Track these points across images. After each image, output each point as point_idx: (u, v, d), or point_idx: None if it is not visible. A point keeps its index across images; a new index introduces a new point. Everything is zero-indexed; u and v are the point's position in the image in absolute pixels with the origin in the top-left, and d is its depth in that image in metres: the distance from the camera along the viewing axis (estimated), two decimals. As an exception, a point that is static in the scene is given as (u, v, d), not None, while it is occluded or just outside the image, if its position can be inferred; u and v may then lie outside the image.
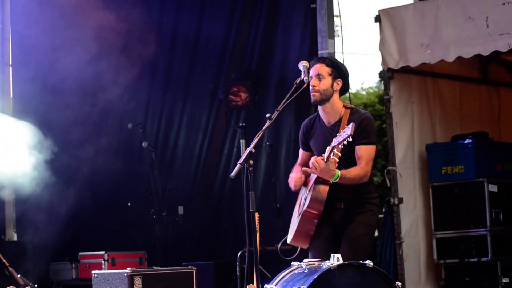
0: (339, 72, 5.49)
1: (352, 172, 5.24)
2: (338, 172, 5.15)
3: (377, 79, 11.29)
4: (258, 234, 5.26)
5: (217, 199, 9.60)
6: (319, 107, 5.52)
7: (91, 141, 9.10)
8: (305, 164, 5.46)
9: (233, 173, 5.06)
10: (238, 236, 9.16)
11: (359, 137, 5.27)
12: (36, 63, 9.20)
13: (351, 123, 5.00)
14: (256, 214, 5.15)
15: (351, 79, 5.59)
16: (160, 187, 8.97)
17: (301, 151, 5.68)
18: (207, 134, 9.61)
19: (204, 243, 9.59)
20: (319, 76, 5.43)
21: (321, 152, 5.30)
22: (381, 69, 8.31)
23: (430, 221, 8.50)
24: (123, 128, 9.38)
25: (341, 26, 9.87)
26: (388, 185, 8.44)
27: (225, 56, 9.53)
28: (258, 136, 5.13)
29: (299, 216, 5.41)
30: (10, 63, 9.68)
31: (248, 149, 5.08)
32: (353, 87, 20.21)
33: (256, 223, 5.18)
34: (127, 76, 9.04)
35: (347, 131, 4.96)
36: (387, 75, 8.25)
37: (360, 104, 18.47)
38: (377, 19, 8.21)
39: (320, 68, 5.46)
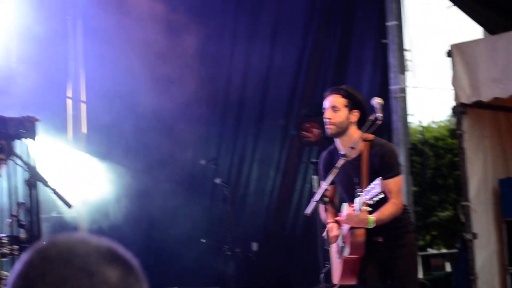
0: (355, 102, 5.29)
1: (386, 212, 5.10)
2: (373, 218, 5.01)
3: (448, 112, 11.22)
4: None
5: (289, 235, 9.60)
6: (336, 139, 5.35)
7: (164, 177, 9.22)
8: (330, 197, 5.37)
9: (308, 210, 5.02)
10: (311, 272, 9.14)
11: (384, 172, 5.09)
12: (109, 100, 9.34)
13: (379, 179, 4.86)
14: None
15: (422, 112, 5.49)
16: (234, 223, 9.00)
17: (324, 183, 5.38)
18: (279, 170, 9.63)
19: (277, 279, 9.57)
20: (334, 108, 5.26)
21: (345, 187, 5.23)
22: (452, 103, 8.28)
23: (504, 256, 8.41)
24: (196, 164, 9.45)
25: (411, 61, 9.83)
26: (462, 220, 8.36)
27: (296, 91, 9.56)
28: (332, 174, 5.10)
29: (340, 260, 5.32)
30: (84, 100, 9.82)
31: (323, 186, 5.07)
32: (424, 120, 20.10)
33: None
34: (199, 112, 9.15)
35: (377, 188, 4.81)
36: (459, 110, 8.20)
37: (431, 138, 18.38)
38: (449, 54, 8.19)
39: (335, 99, 5.28)
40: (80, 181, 9.20)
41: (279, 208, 9.66)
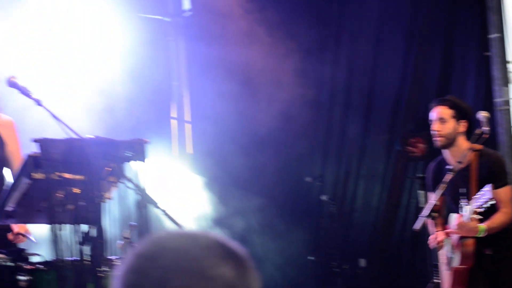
0: (462, 112, 5.23)
1: (496, 221, 5.03)
2: (484, 226, 4.94)
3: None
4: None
5: (396, 250, 9.50)
6: (444, 151, 5.29)
7: (269, 195, 9.25)
8: (438, 210, 5.27)
9: (417, 226, 4.99)
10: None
11: (493, 181, 4.99)
12: (214, 120, 9.43)
13: (489, 185, 4.79)
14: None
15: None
16: (341, 239, 8.97)
17: (431, 195, 5.38)
18: (384, 185, 9.54)
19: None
20: (441, 120, 5.21)
21: (453, 198, 5.15)
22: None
23: None
24: (301, 182, 9.45)
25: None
26: None
27: (399, 106, 9.47)
28: (441, 189, 5.04)
29: (449, 271, 5.25)
30: (188, 120, 9.93)
31: (431, 201, 5.02)
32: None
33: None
34: (303, 129, 9.16)
35: (487, 194, 4.76)
36: None
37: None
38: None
39: (442, 111, 5.22)
40: (186, 200, 9.31)
41: (385, 223, 9.56)
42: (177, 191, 9.24)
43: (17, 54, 8.21)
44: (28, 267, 4.14)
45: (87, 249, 3.92)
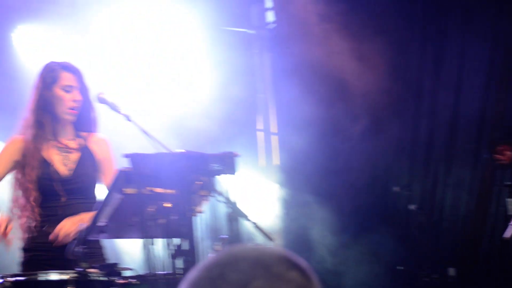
0: None
1: None
2: None
3: None
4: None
5: (486, 259, 9.33)
6: None
7: (355, 206, 9.18)
8: None
9: (507, 234, 4.92)
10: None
11: None
12: (300, 131, 9.41)
13: None
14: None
15: None
16: (429, 249, 8.85)
17: None
18: (472, 194, 9.39)
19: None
20: None
21: None
22: None
23: None
24: (389, 191, 9.36)
25: None
26: None
27: (486, 113, 9.31)
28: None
29: None
30: (275, 132, 9.94)
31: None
32: None
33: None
34: (390, 140, 9.08)
35: None
36: None
37: None
38: None
39: None
40: (272, 212, 9.31)
41: (473, 232, 9.40)
42: (263, 203, 9.25)
43: (105, 70, 8.36)
44: (121, 281, 4.19)
45: (179, 263, 3.94)
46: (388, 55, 9.09)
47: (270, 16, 9.88)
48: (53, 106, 5.09)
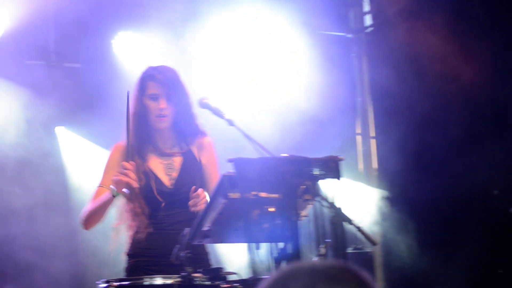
0: None
1: None
2: None
3: None
4: None
5: None
6: None
7: (454, 210, 9.04)
8: None
9: None
10: None
11: None
12: (398, 135, 9.32)
13: None
14: None
15: None
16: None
17: None
18: None
19: None
20: None
21: None
22: None
23: None
24: (488, 195, 9.19)
25: None
26: None
27: None
28: None
29: None
30: (373, 136, 9.88)
31: None
32: None
33: None
34: (492, 142, 8.91)
35: None
36: None
37: None
38: None
39: None
40: (371, 216, 9.25)
41: None
42: (362, 207, 9.19)
43: (208, 76, 8.45)
44: (225, 286, 4.18)
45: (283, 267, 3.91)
46: (491, 51, 8.90)
47: (368, 20, 9.83)
48: (145, 116, 5.14)
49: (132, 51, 8.91)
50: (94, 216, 5.07)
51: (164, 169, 5.17)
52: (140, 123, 5.14)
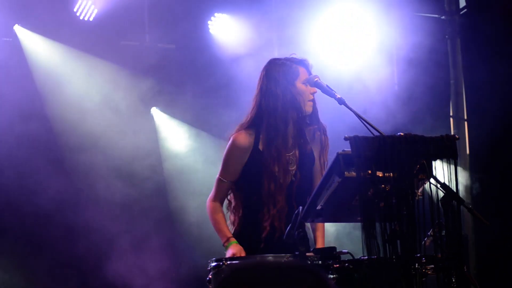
0: None
1: None
2: None
3: None
4: None
5: None
6: None
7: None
8: None
9: None
10: None
11: None
12: (491, 118, 9.20)
13: None
14: None
15: None
16: None
17: None
18: None
19: None
20: None
21: None
22: None
23: None
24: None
25: None
26: None
27: None
28: None
29: None
30: (465, 118, 9.77)
31: None
32: None
33: None
34: None
35: None
36: None
37: None
38: None
39: None
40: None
41: None
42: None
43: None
44: (336, 265, 4.17)
45: (397, 247, 3.90)
46: None
47: (462, 1, 9.71)
48: (297, 101, 5.03)
49: (227, 33, 8.98)
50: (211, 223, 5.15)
51: (286, 164, 5.07)
52: (293, 109, 5.01)
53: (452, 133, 9.63)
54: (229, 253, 4.87)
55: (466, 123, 9.77)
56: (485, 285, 9.25)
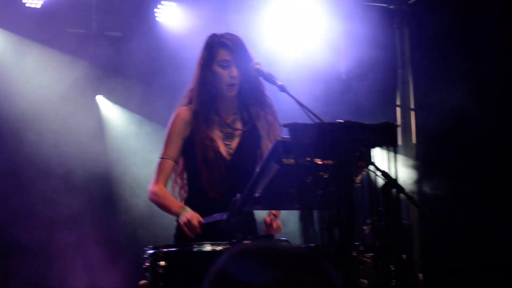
0: None
1: None
2: None
3: None
4: None
5: None
6: None
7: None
8: None
9: None
10: None
11: None
12: (438, 108, 9.24)
13: None
14: None
15: None
16: None
17: None
18: None
19: None
20: None
21: None
22: None
23: None
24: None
25: None
26: None
27: None
28: None
29: None
30: (412, 108, 9.81)
31: None
32: None
33: None
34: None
35: None
36: None
37: None
38: None
39: None
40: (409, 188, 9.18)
41: None
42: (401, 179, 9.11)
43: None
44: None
45: (335, 235, 3.88)
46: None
47: (411, -10, 9.75)
48: (214, 84, 5.04)
49: (174, 21, 8.91)
50: (158, 207, 5.07)
51: (223, 140, 5.09)
52: (208, 90, 5.04)
53: (398, 122, 9.67)
54: (183, 219, 4.75)
55: (413, 112, 9.79)
56: (429, 274, 9.31)
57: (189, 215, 4.75)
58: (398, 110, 9.77)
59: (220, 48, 5.02)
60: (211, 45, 5.06)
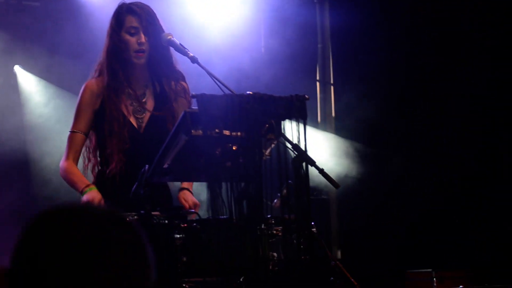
0: None
1: None
2: None
3: None
4: None
5: None
6: None
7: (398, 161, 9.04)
8: None
9: None
10: None
11: None
12: (357, 83, 9.29)
13: None
14: None
15: None
16: None
17: None
18: None
19: None
20: None
21: None
22: None
23: None
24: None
25: None
26: None
27: None
28: None
29: None
30: (331, 83, 9.84)
31: None
32: None
33: None
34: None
35: None
36: None
37: None
38: None
39: None
40: (329, 162, 9.22)
41: None
42: (320, 153, 9.15)
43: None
44: (184, 225, 4.08)
45: (244, 207, 3.86)
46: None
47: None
48: (122, 51, 4.93)
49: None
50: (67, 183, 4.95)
51: (134, 113, 4.99)
52: (117, 59, 4.92)
53: (318, 97, 9.69)
54: (84, 198, 4.67)
55: (332, 87, 9.81)
56: (347, 249, 9.39)
57: (91, 195, 4.67)
58: (317, 84, 9.78)
59: (128, 15, 4.92)
60: (120, 12, 4.96)
